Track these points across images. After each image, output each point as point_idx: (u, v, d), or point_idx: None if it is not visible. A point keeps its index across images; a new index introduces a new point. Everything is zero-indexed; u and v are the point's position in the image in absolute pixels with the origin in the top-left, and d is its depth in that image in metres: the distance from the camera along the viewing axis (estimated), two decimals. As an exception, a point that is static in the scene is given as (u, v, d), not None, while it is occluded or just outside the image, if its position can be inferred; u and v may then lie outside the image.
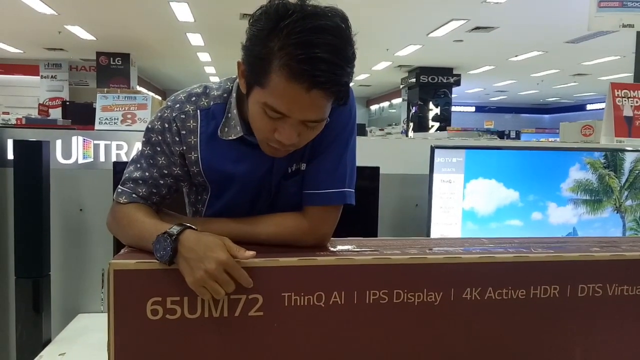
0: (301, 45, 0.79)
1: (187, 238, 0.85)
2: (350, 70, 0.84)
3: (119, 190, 1.02)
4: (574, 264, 0.99)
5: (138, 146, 2.01)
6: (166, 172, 1.02)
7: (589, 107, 19.27)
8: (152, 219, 0.97)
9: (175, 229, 0.86)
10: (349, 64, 0.83)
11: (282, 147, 0.92)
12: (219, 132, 0.99)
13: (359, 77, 14.89)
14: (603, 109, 2.64)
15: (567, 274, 0.98)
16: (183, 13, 7.78)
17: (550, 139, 7.22)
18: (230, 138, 0.99)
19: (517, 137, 8.93)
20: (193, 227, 0.88)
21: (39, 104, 10.16)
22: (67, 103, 9.07)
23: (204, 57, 11.92)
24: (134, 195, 1.00)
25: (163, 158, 1.01)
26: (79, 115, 6.30)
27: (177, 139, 0.99)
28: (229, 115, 0.99)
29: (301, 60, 0.79)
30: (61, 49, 11.21)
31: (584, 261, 0.99)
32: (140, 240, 0.92)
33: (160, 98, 6.17)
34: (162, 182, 1.02)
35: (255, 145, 0.98)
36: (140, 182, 1.01)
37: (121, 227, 0.98)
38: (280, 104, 0.84)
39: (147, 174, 1.01)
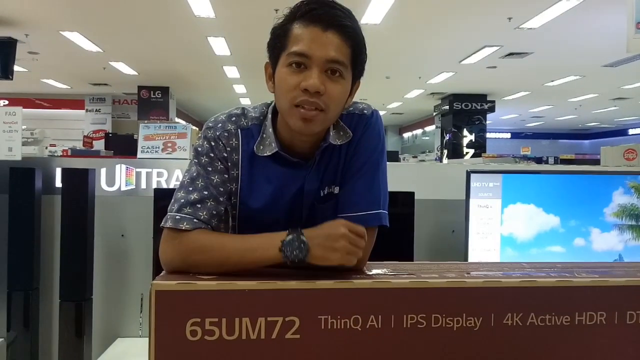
0: (314, 2, 0.96)
1: (307, 230, 0.90)
2: (357, 26, 0.99)
3: (177, 217, 0.97)
4: (621, 289, 0.95)
5: (178, 174, 2.09)
6: (222, 189, 1.03)
7: (631, 131, 18.64)
8: (236, 236, 0.97)
9: (291, 230, 0.90)
10: (354, 19, 0.99)
11: (309, 99, 0.94)
12: (255, 148, 1.03)
13: (392, 105, 14.93)
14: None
15: (613, 300, 0.94)
16: (220, 47, 8.07)
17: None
18: (266, 154, 1.03)
19: (556, 163, 8.70)
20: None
21: (84, 136, 10.67)
22: (110, 135, 9.50)
23: (240, 89, 12.27)
24: (195, 220, 0.97)
25: (216, 176, 1.02)
26: (121, 146, 6.59)
27: (225, 155, 1.03)
28: (264, 135, 1.04)
29: (315, 9, 0.95)
30: (105, 84, 11.79)
31: (632, 286, 0.95)
32: (245, 255, 0.91)
33: (197, 129, 6.37)
34: (221, 199, 1.02)
35: (289, 163, 1.02)
36: (199, 205, 0.99)
37: (198, 253, 0.93)
38: (302, 45, 0.95)
39: (205, 192, 1.00)
